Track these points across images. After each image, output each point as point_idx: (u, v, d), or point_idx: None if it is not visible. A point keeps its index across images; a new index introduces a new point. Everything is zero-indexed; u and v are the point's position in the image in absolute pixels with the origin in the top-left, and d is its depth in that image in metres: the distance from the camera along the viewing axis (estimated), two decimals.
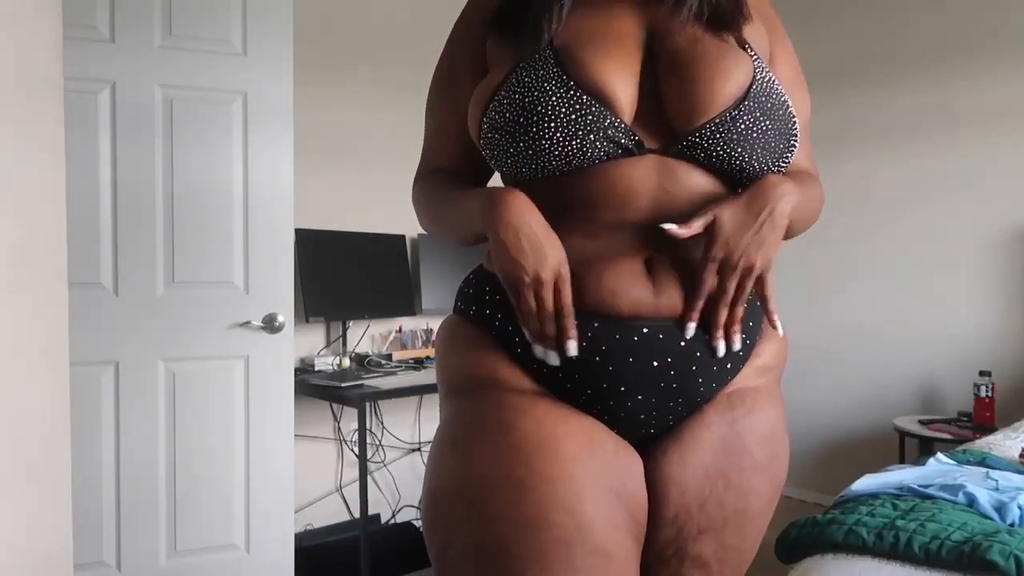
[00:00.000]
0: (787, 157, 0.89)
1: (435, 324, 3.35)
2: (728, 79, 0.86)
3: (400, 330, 3.25)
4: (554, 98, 0.84)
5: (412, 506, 3.29)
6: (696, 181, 0.87)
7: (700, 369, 0.87)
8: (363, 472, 2.50)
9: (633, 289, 0.85)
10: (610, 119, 0.84)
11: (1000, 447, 2.11)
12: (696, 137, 0.85)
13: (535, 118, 0.84)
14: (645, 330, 0.85)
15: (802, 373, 3.70)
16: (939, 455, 1.92)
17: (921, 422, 3.02)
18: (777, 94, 0.89)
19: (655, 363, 0.85)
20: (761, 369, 0.95)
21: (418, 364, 3.01)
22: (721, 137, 0.85)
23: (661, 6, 0.92)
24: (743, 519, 0.90)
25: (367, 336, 3.19)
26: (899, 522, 1.37)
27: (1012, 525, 1.40)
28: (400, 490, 3.25)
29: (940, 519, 1.36)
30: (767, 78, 0.89)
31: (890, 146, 3.41)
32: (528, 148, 0.85)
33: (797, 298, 3.73)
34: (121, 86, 2.10)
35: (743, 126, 0.85)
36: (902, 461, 2.98)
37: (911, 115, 3.35)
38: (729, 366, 0.90)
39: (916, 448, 2.95)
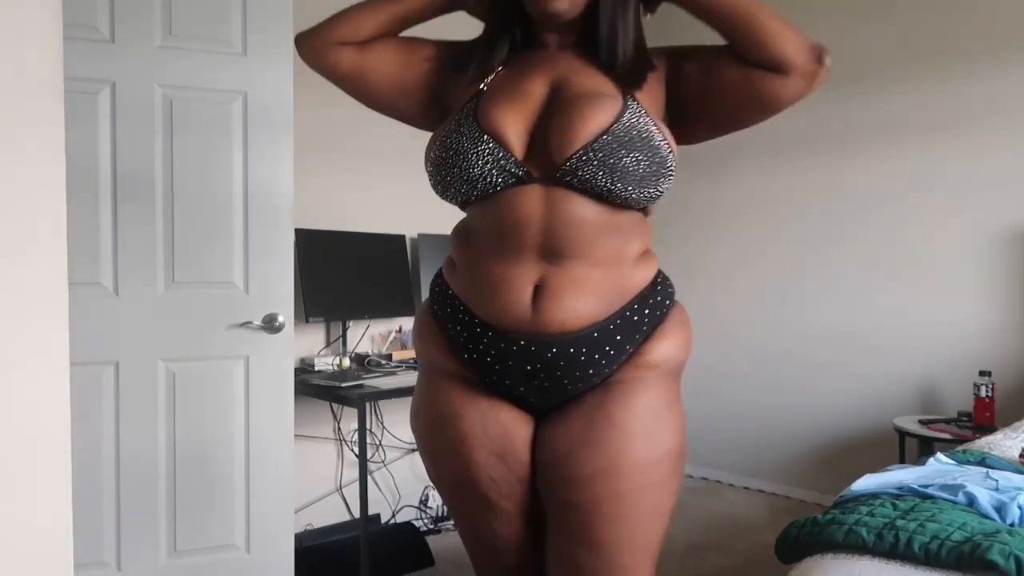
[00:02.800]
0: (653, 182, 1.11)
1: None
2: (592, 119, 1.09)
3: (400, 330, 3.25)
4: (464, 139, 1.13)
5: (412, 506, 3.30)
6: (574, 205, 1.11)
7: (564, 374, 1.13)
8: (363, 472, 2.50)
9: (517, 311, 1.12)
10: (503, 153, 1.11)
11: (1000, 447, 2.11)
12: (566, 166, 1.08)
13: (451, 153, 1.13)
14: (522, 342, 1.13)
15: (802, 373, 3.70)
16: (939, 455, 1.92)
17: (921, 422, 3.02)
18: (640, 130, 1.10)
19: (528, 367, 1.14)
20: (645, 366, 1.16)
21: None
22: (584, 165, 1.08)
23: (568, 66, 1.19)
24: (614, 474, 1.11)
25: (367, 336, 3.19)
26: (899, 522, 1.37)
27: (1012, 525, 1.39)
28: (400, 490, 3.25)
29: (940, 519, 1.36)
30: (634, 119, 1.11)
31: (891, 145, 3.41)
32: (447, 176, 1.14)
33: (797, 298, 3.73)
34: (121, 86, 2.09)
35: (603, 156, 1.07)
36: (902, 461, 2.98)
37: (912, 115, 3.34)
38: (592, 372, 1.14)
39: (916, 448, 2.95)
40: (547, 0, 1.15)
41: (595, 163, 1.08)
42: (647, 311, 1.17)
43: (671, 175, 1.13)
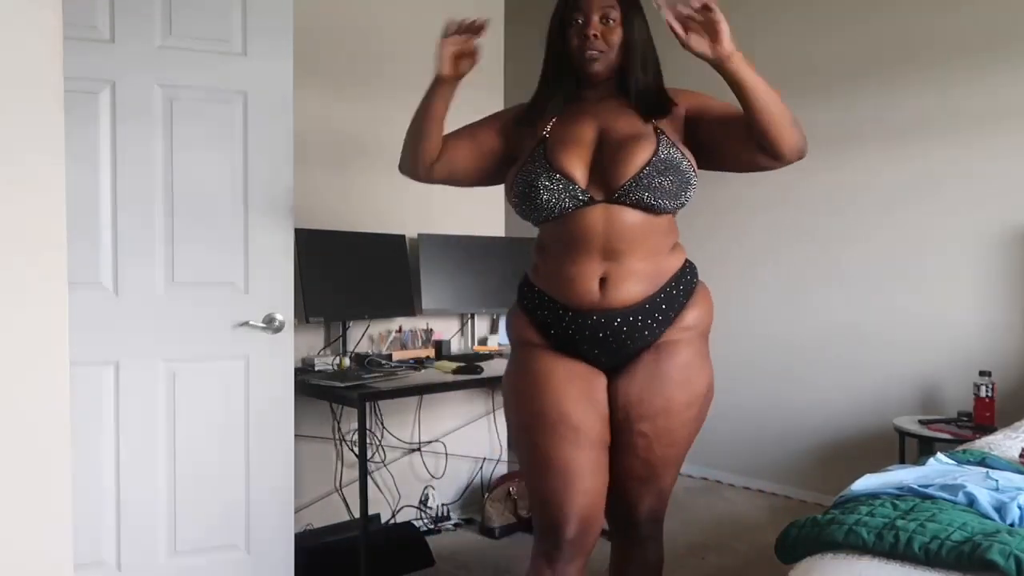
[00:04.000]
0: (682, 197, 1.58)
1: (435, 324, 3.36)
2: (637, 157, 1.55)
3: (400, 330, 3.25)
4: (542, 177, 1.58)
5: (412, 506, 3.30)
6: (628, 217, 1.56)
7: (626, 338, 1.59)
8: (363, 472, 2.50)
9: (589, 295, 1.58)
10: (572, 186, 1.56)
11: (1000, 447, 2.10)
12: (622, 191, 1.54)
13: (532, 189, 1.58)
14: (595, 317, 1.58)
15: (802, 373, 3.70)
16: (939, 455, 1.92)
17: (921, 422, 3.02)
18: (672, 160, 1.55)
19: (600, 335, 1.59)
20: (684, 328, 1.63)
21: (418, 364, 3.01)
22: (634, 189, 1.54)
23: (607, 114, 1.63)
24: (669, 411, 1.61)
25: (367, 336, 3.19)
26: (899, 522, 1.36)
27: (1012, 525, 1.39)
28: (400, 490, 3.25)
29: (940, 519, 1.36)
30: (666, 151, 1.56)
31: (891, 146, 3.41)
32: (532, 205, 1.60)
33: (797, 297, 3.73)
34: (121, 86, 2.10)
35: (647, 182, 1.53)
36: (902, 461, 2.98)
37: (911, 115, 3.34)
38: (647, 333, 1.60)
39: (916, 448, 2.94)
40: (588, 63, 1.62)
41: (642, 187, 1.53)
42: (681, 288, 1.64)
43: (694, 187, 1.60)
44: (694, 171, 1.59)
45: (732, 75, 1.45)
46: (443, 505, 3.37)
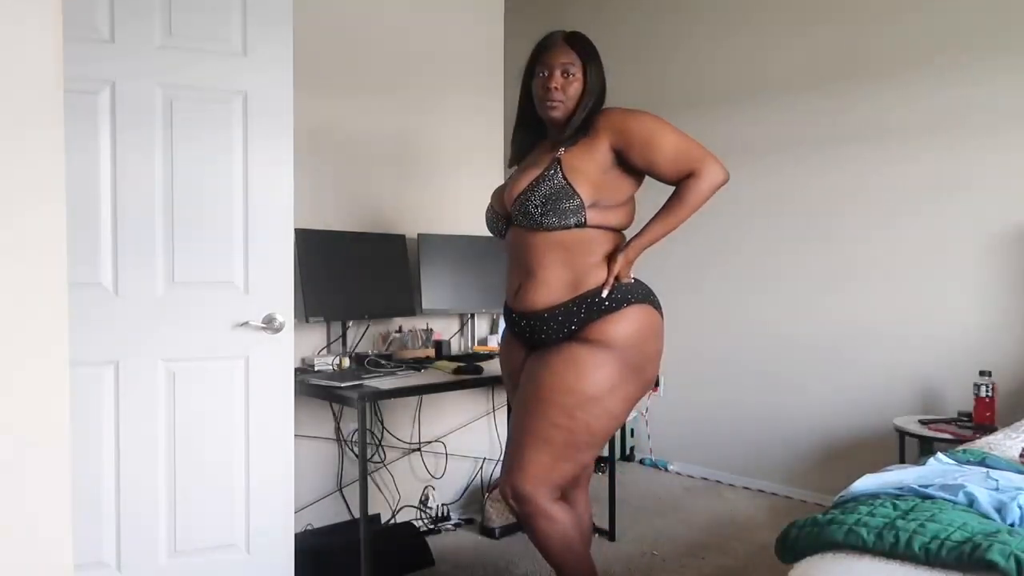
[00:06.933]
0: (568, 218, 1.85)
1: (435, 324, 3.36)
2: (519, 185, 1.93)
3: (400, 330, 3.25)
4: (488, 209, 2.11)
5: (412, 506, 3.29)
6: (526, 236, 1.92)
7: (534, 331, 1.97)
8: (363, 472, 2.50)
9: (512, 298, 2.02)
10: (496, 214, 2.06)
11: (1000, 447, 2.10)
12: (512, 212, 1.96)
13: (488, 216, 2.11)
14: (514, 316, 2.03)
15: (802, 373, 3.70)
16: (939, 455, 1.92)
17: (921, 422, 3.02)
18: (553, 186, 1.85)
19: (515, 329, 2.06)
20: (585, 339, 1.89)
21: (418, 364, 3.00)
22: (515, 212, 1.93)
23: (549, 153, 1.96)
24: (537, 380, 1.91)
25: (367, 336, 3.19)
26: (899, 522, 1.36)
27: (1012, 525, 1.39)
28: (400, 490, 3.25)
29: (940, 519, 1.36)
30: (548, 179, 1.86)
31: (891, 146, 3.41)
32: (490, 227, 2.10)
33: (797, 298, 3.73)
34: (121, 86, 2.09)
35: (519, 206, 1.90)
36: (902, 461, 2.98)
37: (912, 115, 3.34)
38: (551, 332, 1.93)
39: (916, 448, 2.94)
40: (548, 111, 1.95)
41: (517, 210, 1.92)
42: (584, 305, 1.89)
43: (569, 209, 1.84)
44: (573, 194, 1.83)
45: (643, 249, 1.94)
46: (443, 505, 3.37)
